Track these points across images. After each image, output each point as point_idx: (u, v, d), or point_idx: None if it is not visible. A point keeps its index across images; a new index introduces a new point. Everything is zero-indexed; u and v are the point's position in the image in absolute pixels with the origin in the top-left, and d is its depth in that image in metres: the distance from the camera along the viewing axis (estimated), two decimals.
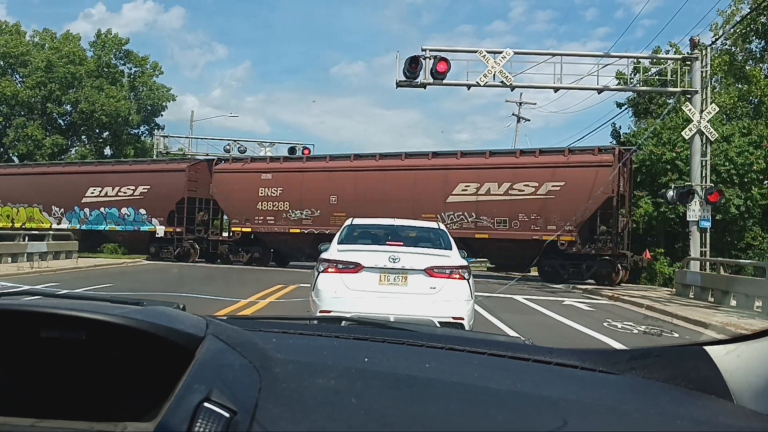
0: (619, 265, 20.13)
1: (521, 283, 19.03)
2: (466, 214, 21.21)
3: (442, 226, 8.89)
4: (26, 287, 13.69)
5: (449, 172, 21.56)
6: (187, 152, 36.12)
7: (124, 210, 25.61)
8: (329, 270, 7.13)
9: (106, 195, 25.84)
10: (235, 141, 34.98)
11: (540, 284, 20.00)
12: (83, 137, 47.66)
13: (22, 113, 43.77)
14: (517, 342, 1.66)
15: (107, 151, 47.51)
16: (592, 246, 20.45)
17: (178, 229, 25.43)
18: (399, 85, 18.27)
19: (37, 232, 24.89)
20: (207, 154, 34.28)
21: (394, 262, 7.01)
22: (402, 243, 7.77)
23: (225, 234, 27.38)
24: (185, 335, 1.03)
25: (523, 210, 20.35)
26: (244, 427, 0.82)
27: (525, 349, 1.42)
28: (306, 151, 32.57)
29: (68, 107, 45.09)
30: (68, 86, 43.98)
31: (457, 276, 7.07)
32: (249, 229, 24.58)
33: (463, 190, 21.25)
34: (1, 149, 44.86)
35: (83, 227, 26.03)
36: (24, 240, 23.47)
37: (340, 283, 7.01)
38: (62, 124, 46.34)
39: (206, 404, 0.83)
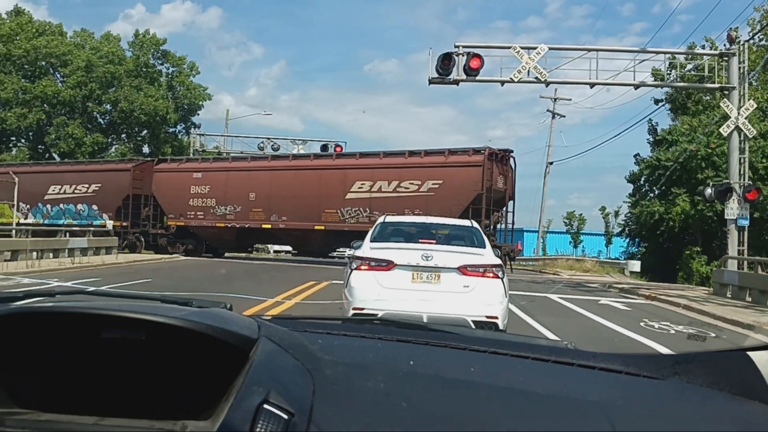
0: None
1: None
2: (361, 209, 23.10)
3: (476, 224, 8.83)
4: (76, 285, 14.04)
5: (348, 171, 23.72)
6: (223, 150, 36.59)
7: (79, 206, 27.62)
8: (362, 267, 7.16)
9: (64, 192, 27.87)
10: (268, 139, 35.31)
11: (575, 283, 19.81)
12: (123, 136, 48.64)
13: (64, 112, 44.81)
14: (559, 345, 1.67)
15: (145, 149, 48.40)
16: None
17: (124, 224, 27.42)
18: (431, 81, 18.22)
19: (77, 229, 25.53)
20: (242, 152, 34.71)
21: (427, 260, 7.00)
22: (435, 241, 7.76)
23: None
24: (239, 337, 1.06)
25: (408, 206, 21.74)
26: (302, 428, 0.84)
27: (568, 353, 1.42)
28: (338, 149, 32.56)
29: (108, 106, 46.08)
30: (108, 86, 44.93)
31: (491, 275, 7.03)
32: (183, 223, 26.97)
33: (359, 187, 23.17)
34: (43, 148, 45.91)
35: (46, 221, 27.58)
36: (65, 236, 24.07)
37: (373, 281, 7.03)
38: (102, 122, 47.35)
39: (266, 406, 0.85)
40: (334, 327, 1.50)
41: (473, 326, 5.99)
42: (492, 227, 21.91)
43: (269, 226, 25.13)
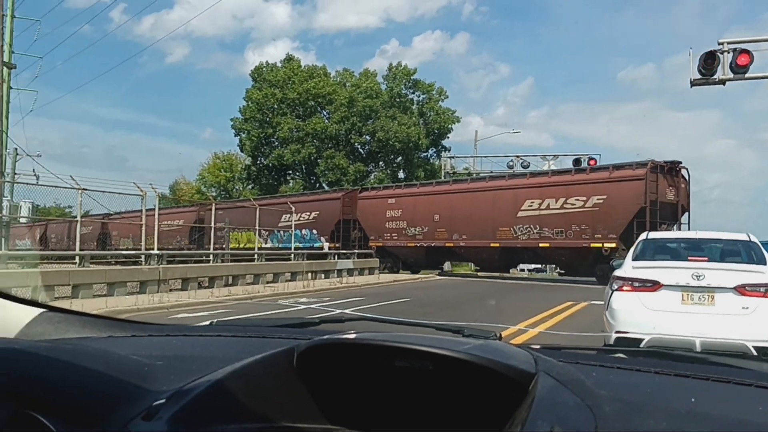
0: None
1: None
2: (531, 226, 24.19)
3: (754, 238, 7.85)
4: (358, 313, 15.12)
5: (519, 190, 24.88)
6: (472, 171, 37.29)
7: (303, 231, 30.80)
8: (624, 288, 6.77)
9: (289, 220, 30.15)
10: (518, 157, 35.27)
11: None
12: (380, 163, 52.12)
13: (330, 146, 49.41)
14: None
15: (401, 174, 51.24)
16: (625, 251, 20.60)
17: (337, 245, 29.86)
18: (693, 83, 16.80)
19: (344, 251, 27.87)
20: (491, 171, 35.11)
21: (698, 279, 6.41)
22: (706, 258, 7.08)
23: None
24: (519, 371, 1.08)
25: (575, 221, 22.88)
26: None
27: None
28: (592, 162, 31.38)
29: (367, 137, 49.78)
30: (367, 118, 48.66)
31: None
32: (381, 244, 29.69)
33: (529, 205, 24.29)
34: (314, 178, 51.01)
35: (280, 245, 30.30)
36: (334, 258, 26.42)
37: (637, 303, 6.61)
38: (362, 152, 51.22)
39: None
40: (605, 358, 1.46)
41: (754, 352, 5.32)
42: None
43: (452, 245, 26.93)
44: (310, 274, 23.09)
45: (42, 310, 1.50)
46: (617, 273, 7.07)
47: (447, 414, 1.19)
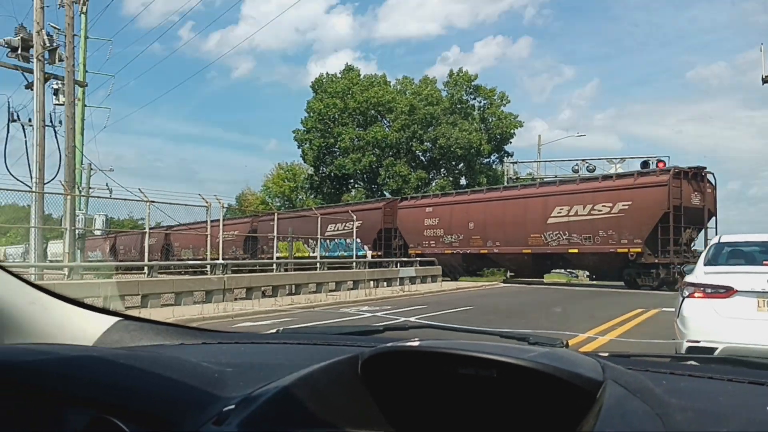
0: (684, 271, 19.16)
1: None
2: (561, 232, 24.85)
3: None
4: (423, 321, 15.07)
5: (548, 198, 25.56)
6: (536, 176, 36.69)
7: (348, 240, 31.08)
8: (695, 295, 6.45)
9: (337, 230, 31.49)
10: (583, 161, 34.48)
11: None
12: (442, 170, 51.92)
13: (391, 154, 49.54)
14: None
15: (462, 181, 50.92)
16: (658, 255, 22.45)
17: (379, 253, 30.74)
18: (765, 80, 16.09)
19: (405, 259, 27.84)
20: (555, 176, 34.47)
21: None
22: None
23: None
24: (586, 379, 1.08)
25: (601, 227, 23.54)
26: None
27: None
28: (660, 164, 30.41)
29: (428, 144, 49.70)
30: (427, 125, 48.59)
31: None
32: (420, 251, 30.24)
33: (558, 212, 24.92)
34: (375, 186, 51.22)
35: (327, 254, 30.63)
36: (396, 267, 26.40)
37: (710, 310, 6.28)
38: (424, 160, 51.14)
39: None
40: (675, 366, 1.42)
41: None
42: (685, 244, 22.77)
43: (486, 251, 27.80)
44: (372, 283, 23.13)
45: (118, 318, 1.56)
46: (688, 279, 6.76)
47: (512, 423, 1.18)
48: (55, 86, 16.92)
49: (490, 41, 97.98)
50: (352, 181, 53.60)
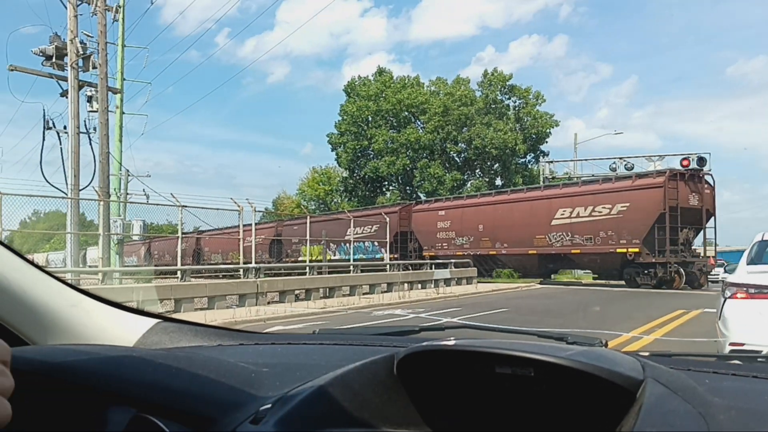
0: (681, 270, 23.19)
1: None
2: (564, 233, 25.65)
3: None
4: (461, 321, 14.90)
5: (552, 200, 26.31)
6: (573, 175, 36.07)
7: (366, 244, 32.31)
8: (738, 295, 6.10)
9: (356, 233, 31.81)
10: (620, 159, 33.66)
11: None
12: (477, 171, 51.43)
13: (425, 155, 49.23)
14: None
15: (498, 181, 50.41)
16: (655, 255, 23.24)
17: (396, 256, 30.77)
18: None
19: (440, 261, 27.56)
20: (592, 175, 33.88)
21: None
22: None
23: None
24: (626, 378, 1.06)
25: (602, 228, 24.34)
26: None
27: None
28: (701, 161, 29.70)
29: (463, 145, 49.29)
30: (462, 126, 48.19)
31: None
32: (433, 253, 30.94)
33: (561, 214, 25.76)
34: (410, 189, 50.99)
35: (346, 257, 31.05)
36: (431, 268, 26.13)
37: (753, 311, 5.93)
38: (458, 161, 50.74)
39: None
40: (719, 365, 1.37)
41: None
42: (683, 244, 23.48)
43: (495, 252, 28.68)
44: (406, 285, 22.93)
45: (157, 320, 1.59)
46: (730, 279, 6.40)
47: (550, 423, 1.17)
48: (89, 93, 17.13)
49: (525, 41, 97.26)
50: (386, 183, 53.48)
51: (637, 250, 23.41)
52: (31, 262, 1.37)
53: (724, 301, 6.23)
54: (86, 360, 1.16)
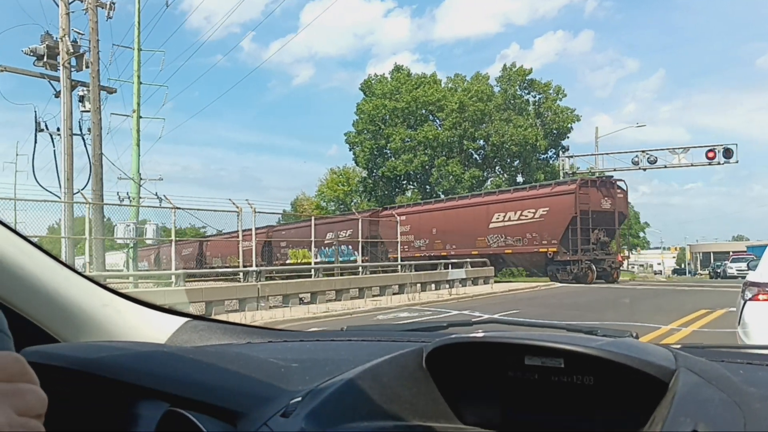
0: (593, 267, 26.04)
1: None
2: (499, 236, 28.33)
3: None
4: (491, 316, 14.29)
5: (490, 206, 29.02)
6: (594, 169, 35.01)
7: (342, 247, 33.99)
8: (760, 297, 5.21)
9: (337, 237, 33.91)
10: (643, 152, 32.41)
11: None
12: (497, 168, 50.37)
13: (443, 153, 48.27)
14: None
15: (519, 178, 49.35)
16: (570, 253, 25.80)
17: (366, 258, 31.58)
18: None
19: (455, 260, 26.81)
20: (614, 169, 32.92)
21: None
22: None
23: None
24: (657, 367, 1.03)
25: (528, 230, 27.07)
26: None
27: None
28: (728, 152, 28.62)
29: (481, 142, 48.23)
30: (479, 122, 47.11)
31: None
32: (395, 255, 31.43)
33: (497, 218, 28.43)
34: (429, 188, 50.08)
35: (326, 260, 33.09)
36: (445, 268, 25.33)
37: None
38: (477, 158, 49.73)
39: None
40: (752, 356, 1.31)
41: None
42: (596, 243, 26.25)
43: (446, 253, 30.08)
44: (418, 286, 22.15)
45: (186, 319, 1.61)
46: (751, 277, 5.51)
47: (581, 414, 1.13)
48: (81, 93, 16.57)
49: (550, 37, 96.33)
50: (405, 182, 52.65)
51: (555, 249, 26.11)
52: (63, 263, 1.38)
53: (744, 303, 5.37)
54: (118, 356, 1.20)
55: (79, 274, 1.40)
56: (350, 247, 33.30)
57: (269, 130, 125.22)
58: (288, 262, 26.29)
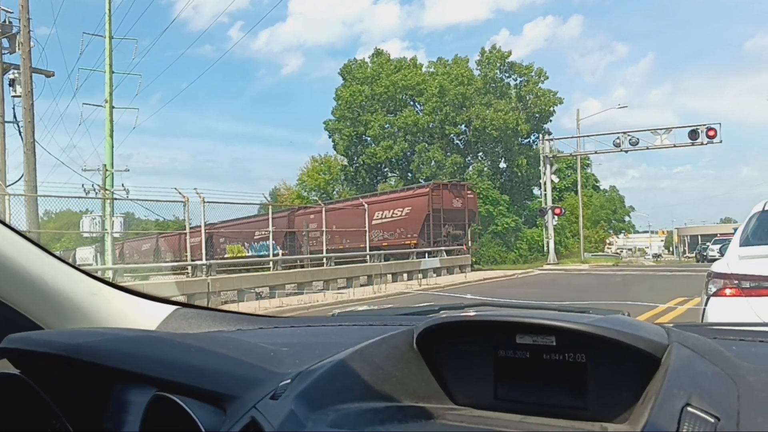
0: (445, 254, 28.21)
1: None
2: (379, 231, 30.79)
3: None
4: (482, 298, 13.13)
5: (372, 206, 30.73)
6: (576, 153, 34.15)
7: (267, 242, 34.50)
8: (726, 292, 4.23)
9: (262, 234, 34.66)
10: (625, 134, 31.49)
11: None
12: (479, 154, 49.33)
13: (424, 139, 47.15)
14: None
15: (502, 164, 48.35)
16: (426, 245, 28.31)
17: (285, 252, 33.78)
18: None
19: (430, 249, 26.07)
20: (595, 152, 32.08)
21: None
22: None
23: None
24: (650, 342, 1.03)
25: (398, 226, 30.26)
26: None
27: None
28: (711, 132, 27.88)
29: (462, 127, 47.10)
30: (460, 107, 45.94)
31: None
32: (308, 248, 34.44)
33: (377, 216, 30.79)
34: (410, 175, 49.00)
35: (255, 254, 34.77)
36: (424, 257, 24.54)
37: (747, 311, 4.07)
38: (459, 143, 48.66)
39: (689, 409, 0.84)
40: (745, 333, 1.32)
41: None
42: (447, 236, 29.30)
43: (342, 247, 32.11)
44: (389, 276, 21.19)
45: (176, 307, 1.60)
46: (716, 267, 4.52)
47: (574, 391, 1.10)
48: (12, 76, 15.36)
49: (540, 22, 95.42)
50: (386, 169, 51.51)
51: (415, 242, 28.94)
52: (50, 252, 1.35)
53: (708, 299, 4.39)
54: (103, 341, 1.20)
55: (66, 263, 1.38)
56: (274, 242, 33.43)
57: (258, 121, 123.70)
58: (226, 256, 28.14)
